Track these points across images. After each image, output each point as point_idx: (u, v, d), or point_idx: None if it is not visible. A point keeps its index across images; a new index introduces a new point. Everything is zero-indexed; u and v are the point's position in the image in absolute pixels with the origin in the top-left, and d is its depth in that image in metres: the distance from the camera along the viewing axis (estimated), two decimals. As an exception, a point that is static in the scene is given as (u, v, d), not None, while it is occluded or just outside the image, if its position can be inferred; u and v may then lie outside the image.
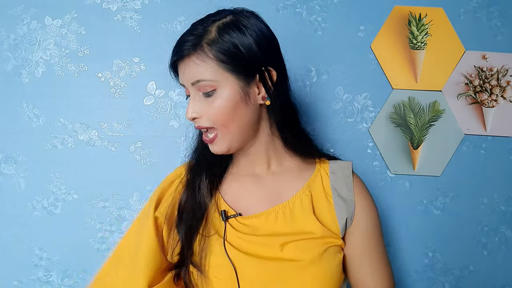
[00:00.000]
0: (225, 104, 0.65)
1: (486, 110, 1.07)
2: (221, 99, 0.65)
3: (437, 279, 1.09)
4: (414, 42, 1.06)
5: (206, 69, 0.64)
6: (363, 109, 1.07)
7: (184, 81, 0.68)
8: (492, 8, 1.07)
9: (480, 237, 1.09)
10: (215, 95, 0.65)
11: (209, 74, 0.64)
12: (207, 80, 0.65)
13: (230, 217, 0.71)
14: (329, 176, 0.75)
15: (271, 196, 0.74)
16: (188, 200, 0.74)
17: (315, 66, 1.06)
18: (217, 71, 0.64)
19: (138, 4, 1.04)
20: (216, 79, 0.65)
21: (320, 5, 1.06)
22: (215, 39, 0.64)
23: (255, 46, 0.65)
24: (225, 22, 0.66)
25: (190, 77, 0.66)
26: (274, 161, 0.76)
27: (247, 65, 0.66)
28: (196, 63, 0.65)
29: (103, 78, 1.04)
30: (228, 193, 0.76)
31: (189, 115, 0.68)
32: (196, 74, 0.65)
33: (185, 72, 0.67)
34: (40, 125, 1.04)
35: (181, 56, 0.66)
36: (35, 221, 1.04)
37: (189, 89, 0.68)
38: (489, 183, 1.08)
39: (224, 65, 0.64)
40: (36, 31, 1.03)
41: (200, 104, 0.67)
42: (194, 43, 0.65)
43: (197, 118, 0.68)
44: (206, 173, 0.75)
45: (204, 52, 0.64)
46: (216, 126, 0.67)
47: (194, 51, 0.65)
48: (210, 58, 0.64)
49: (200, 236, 0.70)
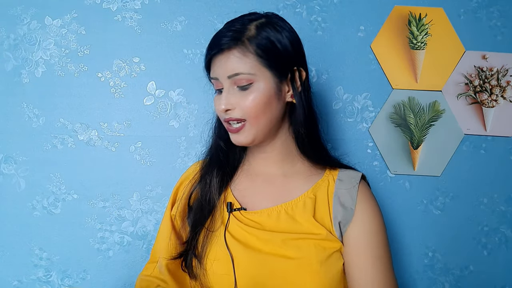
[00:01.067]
0: (260, 97, 0.68)
1: (486, 110, 1.07)
2: (257, 92, 0.68)
3: (437, 279, 1.09)
4: (414, 42, 1.06)
5: (246, 63, 0.67)
6: (363, 109, 1.07)
7: (219, 74, 0.69)
8: (492, 8, 1.07)
9: (480, 237, 1.09)
10: (251, 88, 0.68)
11: (249, 68, 0.67)
12: (246, 73, 0.67)
13: (235, 209, 0.74)
14: (335, 183, 0.76)
15: (278, 195, 0.75)
16: (198, 195, 0.78)
17: (315, 66, 1.06)
18: (255, 66, 0.67)
19: (138, 4, 1.04)
20: (255, 73, 0.68)
21: (320, 5, 1.06)
22: (255, 35, 0.68)
23: (289, 46, 0.70)
24: (262, 22, 0.70)
25: (228, 70, 0.68)
26: (287, 162, 0.78)
27: (282, 63, 0.70)
28: (236, 56, 0.67)
29: (103, 78, 1.04)
30: (238, 189, 0.79)
31: (222, 106, 0.69)
32: (235, 67, 0.67)
33: (223, 65, 0.68)
34: (40, 125, 1.04)
35: (221, 50, 0.68)
36: (35, 221, 1.04)
37: (222, 82, 0.70)
38: (489, 183, 1.08)
39: (262, 60, 0.68)
40: (36, 31, 1.03)
41: (233, 96, 0.69)
42: (234, 37, 0.68)
43: (230, 110, 0.70)
44: (217, 171, 0.78)
45: (245, 46, 0.67)
46: (247, 118, 0.70)
47: (235, 45, 0.67)
48: (250, 52, 0.67)
49: (205, 230, 0.73)
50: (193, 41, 1.05)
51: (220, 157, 0.80)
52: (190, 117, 1.05)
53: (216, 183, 0.77)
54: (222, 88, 0.71)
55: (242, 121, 0.70)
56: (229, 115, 0.70)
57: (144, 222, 1.05)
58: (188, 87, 1.05)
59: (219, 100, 0.71)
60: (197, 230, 0.74)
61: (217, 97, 0.73)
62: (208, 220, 0.74)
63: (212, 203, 0.76)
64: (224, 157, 0.80)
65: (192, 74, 1.05)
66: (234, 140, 0.73)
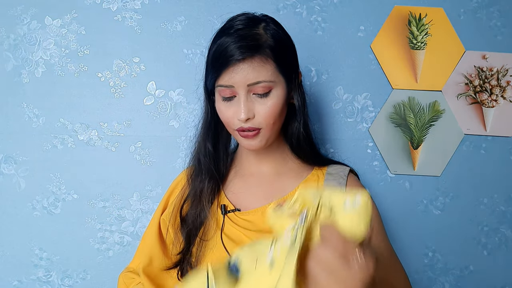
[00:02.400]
0: (278, 104, 0.69)
1: (486, 110, 1.07)
2: (276, 98, 0.69)
3: (437, 279, 1.09)
4: (414, 42, 1.06)
5: (267, 71, 0.67)
6: (363, 109, 1.07)
7: (238, 82, 0.67)
8: (492, 8, 1.07)
9: (480, 237, 1.08)
10: (270, 96, 0.68)
11: (269, 76, 0.67)
12: (267, 81, 0.67)
13: (229, 211, 0.75)
14: (324, 176, 0.77)
15: (271, 193, 0.76)
16: (189, 208, 0.78)
17: (315, 66, 1.06)
18: (275, 72, 0.68)
19: (138, 4, 1.04)
20: (274, 80, 0.68)
21: (320, 5, 1.06)
22: (271, 42, 0.68)
23: (294, 51, 0.74)
24: (271, 27, 0.70)
25: (249, 78, 0.66)
26: (280, 161, 0.79)
27: (292, 67, 0.72)
28: (259, 65, 0.66)
29: (103, 78, 1.04)
30: (231, 191, 0.79)
31: (242, 116, 0.67)
32: (257, 75, 0.66)
33: (244, 74, 0.66)
34: (40, 125, 1.04)
35: (242, 59, 0.65)
36: (35, 221, 1.04)
37: (239, 90, 0.67)
38: (489, 183, 1.08)
39: (279, 67, 0.68)
40: (36, 31, 1.03)
41: (251, 104, 0.68)
42: (254, 46, 0.66)
43: (249, 119, 0.68)
44: (209, 179, 0.77)
45: (266, 54, 0.67)
46: (264, 126, 0.69)
47: (256, 54, 0.66)
48: (271, 59, 0.67)
49: (199, 240, 0.74)
50: (193, 41, 1.05)
51: (208, 163, 0.78)
52: (190, 117, 1.05)
53: (207, 193, 0.76)
54: (233, 96, 0.69)
55: (257, 129, 0.70)
56: (249, 124, 0.69)
57: (144, 222, 1.05)
58: (188, 87, 1.05)
59: (234, 108, 0.69)
60: (190, 241, 0.74)
61: (226, 104, 0.70)
62: (200, 231, 0.74)
63: (203, 214, 0.75)
64: (212, 162, 0.79)
65: (192, 74, 1.05)
66: (247, 145, 0.72)
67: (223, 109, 0.70)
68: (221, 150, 0.81)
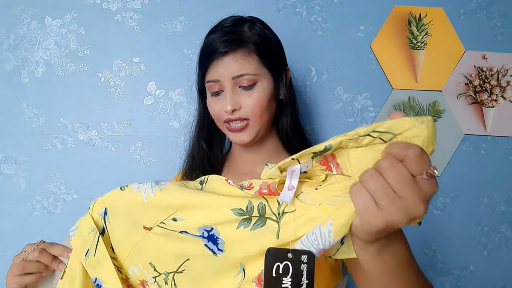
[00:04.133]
0: (263, 96, 0.71)
1: (486, 110, 1.07)
2: (261, 91, 0.71)
3: (437, 279, 1.08)
4: (414, 42, 1.06)
5: (251, 64, 0.70)
6: (363, 109, 1.07)
7: (222, 76, 0.70)
8: (492, 8, 1.07)
9: (480, 237, 1.08)
10: (255, 88, 0.71)
11: (253, 68, 0.70)
12: (251, 74, 0.70)
13: None
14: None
15: None
16: None
17: (315, 66, 1.06)
18: (258, 66, 0.71)
19: (138, 4, 1.04)
20: (258, 73, 0.71)
21: (320, 5, 1.06)
22: (255, 38, 0.72)
23: (279, 47, 0.76)
24: (257, 26, 0.73)
25: (233, 71, 0.69)
26: (274, 159, 0.79)
27: (277, 62, 0.75)
28: (242, 57, 0.70)
29: (103, 78, 1.04)
30: None
31: (228, 107, 0.70)
32: (240, 68, 0.69)
33: (227, 66, 0.70)
34: (40, 125, 1.04)
35: (225, 52, 0.69)
36: (35, 221, 1.04)
37: (224, 84, 0.71)
38: (489, 183, 1.08)
39: (263, 61, 0.71)
40: (36, 31, 1.03)
41: (237, 97, 0.71)
42: (237, 40, 0.70)
43: (236, 110, 0.71)
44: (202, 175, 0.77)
45: (249, 48, 0.70)
46: (252, 116, 0.72)
47: (239, 47, 0.70)
48: (254, 53, 0.70)
49: None
50: (193, 41, 1.05)
51: (202, 158, 0.81)
52: (190, 117, 1.05)
53: None
54: (221, 91, 0.72)
55: (245, 120, 0.72)
56: (235, 114, 0.71)
57: (144, 222, 1.05)
58: (188, 87, 1.05)
59: (221, 102, 0.72)
60: None
61: (214, 99, 0.73)
62: None
63: None
64: (206, 158, 0.81)
65: (192, 74, 1.04)
66: (236, 139, 0.74)
67: (212, 104, 0.74)
68: (215, 148, 0.83)
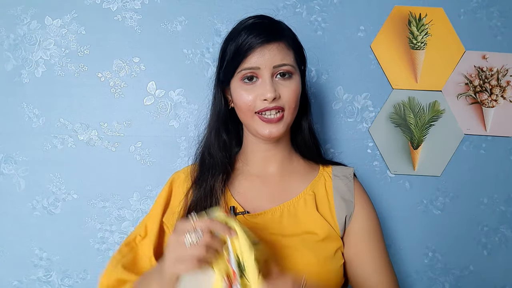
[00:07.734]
0: (298, 89, 0.74)
1: (486, 110, 1.07)
2: (296, 83, 0.73)
3: (437, 279, 1.08)
4: (414, 42, 1.06)
5: (291, 56, 0.73)
6: (363, 109, 1.07)
7: (264, 63, 0.70)
8: (492, 8, 1.07)
9: (480, 237, 1.08)
10: (292, 79, 0.73)
11: (292, 61, 0.73)
12: (291, 65, 0.72)
13: (238, 213, 0.74)
14: (331, 179, 0.79)
15: (278, 195, 0.76)
16: (200, 203, 0.75)
17: (315, 66, 1.06)
18: (294, 61, 0.74)
19: (138, 4, 1.04)
20: (295, 67, 0.73)
21: (320, 5, 1.06)
22: (292, 34, 0.76)
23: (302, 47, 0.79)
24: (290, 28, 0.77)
25: (276, 59, 0.70)
26: (286, 160, 0.80)
27: (304, 64, 0.79)
28: (284, 49, 0.72)
29: (103, 78, 1.04)
30: (238, 192, 0.78)
31: (269, 94, 0.69)
32: (283, 58, 0.71)
33: (272, 54, 0.70)
34: (40, 125, 1.04)
35: (269, 41, 0.70)
36: (35, 221, 1.04)
37: (264, 71, 0.70)
38: (489, 183, 1.08)
39: (297, 57, 0.75)
40: (36, 31, 1.03)
41: (276, 86, 0.71)
42: (281, 32, 0.72)
43: (276, 99, 0.71)
44: (221, 172, 0.77)
45: (288, 42, 0.73)
46: (287, 107, 0.72)
47: (282, 39, 0.72)
48: (291, 48, 0.74)
49: None
50: (193, 41, 1.05)
51: (222, 156, 0.78)
52: (190, 117, 1.05)
53: (220, 187, 0.75)
54: (256, 79, 0.71)
55: (281, 111, 0.72)
56: (275, 103, 0.70)
57: (144, 222, 1.05)
58: (188, 87, 1.05)
59: (258, 90, 0.70)
60: None
61: (248, 87, 0.71)
62: None
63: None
64: (223, 157, 0.78)
65: (192, 74, 1.05)
66: (266, 132, 0.72)
67: (244, 93, 0.71)
68: (232, 145, 0.82)
